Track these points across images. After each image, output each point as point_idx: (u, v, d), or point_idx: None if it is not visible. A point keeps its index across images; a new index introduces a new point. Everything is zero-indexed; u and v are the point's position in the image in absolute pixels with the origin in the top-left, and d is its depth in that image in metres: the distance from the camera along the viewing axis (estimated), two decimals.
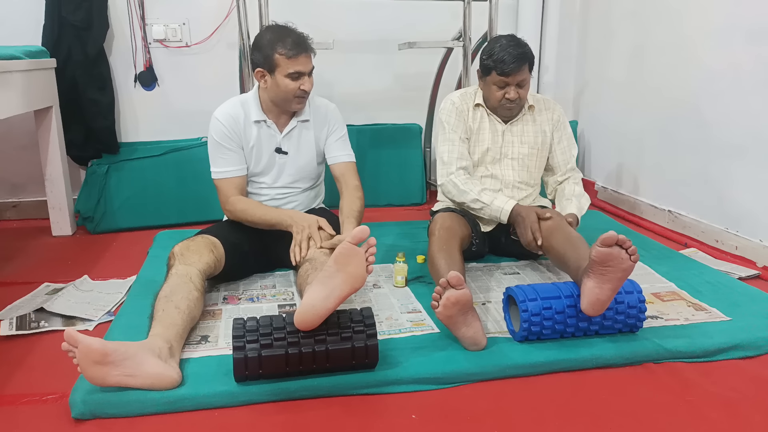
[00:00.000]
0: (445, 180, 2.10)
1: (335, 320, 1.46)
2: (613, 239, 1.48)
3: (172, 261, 1.78)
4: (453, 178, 2.07)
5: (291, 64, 1.91)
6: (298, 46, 1.91)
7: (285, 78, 1.92)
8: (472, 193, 2.04)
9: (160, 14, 3.01)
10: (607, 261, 1.49)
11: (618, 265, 1.49)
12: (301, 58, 1.92)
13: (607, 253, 1.48)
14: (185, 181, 2.92)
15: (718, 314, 1.81)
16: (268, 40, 1.92)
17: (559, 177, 2.22)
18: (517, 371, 1.53)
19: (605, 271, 1.51)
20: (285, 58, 1.90)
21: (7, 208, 3.06)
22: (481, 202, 2.03)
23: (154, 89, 3.11)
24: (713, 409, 1.39)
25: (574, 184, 2.18)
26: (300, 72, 1.92)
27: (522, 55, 1.98)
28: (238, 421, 1.35)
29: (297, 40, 1.92)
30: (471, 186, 2.06)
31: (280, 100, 1.98)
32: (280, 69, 1.92)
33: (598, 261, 1.50)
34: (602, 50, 3.25)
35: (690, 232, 2.65)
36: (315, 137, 2.12)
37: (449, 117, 2.12)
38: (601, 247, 1.48)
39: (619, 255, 1.49)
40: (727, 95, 2.43)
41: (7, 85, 2.28)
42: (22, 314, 1.86)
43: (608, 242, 1.48)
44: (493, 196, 2.04)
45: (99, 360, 1.33)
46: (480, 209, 2.05)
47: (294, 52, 1.90)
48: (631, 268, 1.51)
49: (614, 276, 1.51)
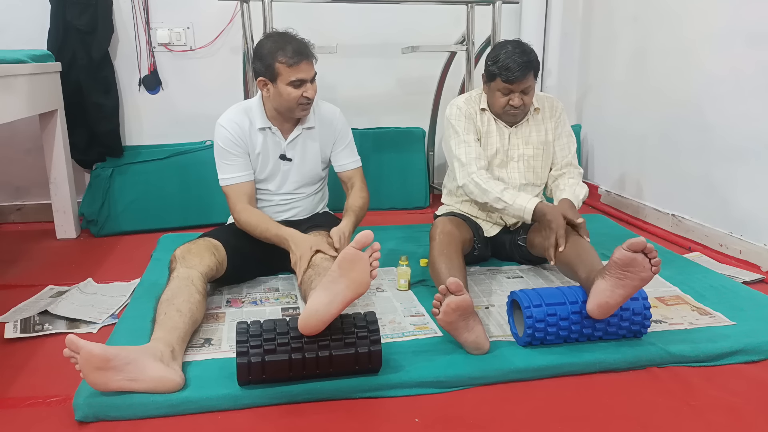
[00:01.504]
0: (467, 180, 2.05)
1: (339, 325, 1.46)
2: (641, 245, 1.46)
3: (173, 264, 1.78)
4: (474, 178, 2.03)
5: (292, 73, 1.89)
6: (299, 54, 1.89)
7: (287, 86, 1.90)
8: (494, 192, 2.00)
9: (165, 18, 3.03)
10: (628, 265, 1.48)
11: (638, 272, 1.48)
12: (303, 66, 1.90)
13: (631, 258, 1.47)
14: (189, 185, 2.92)
15: (723, 318, 1.80)
16: (269, 49, 1.90)
17: (555, 172, 2.18)
18: (520, 375, 1.53)
19: (623, 275, 1.49)
20: (286, 66, 1.88)
21: (11, 211, 3.07)
22: (503, 202, 1.99)
23: (158, 93, 3.12)
24: (717, 413, 1.39)
25: (569, 177, 2.13)
26: (302, 80, 1.91)
27: (527, 63, 1.95)
28: (240, 424, 1.35)
29: (297, 47, 1.90)
30: (493, 185, 2.01)
31: (283, 108, 1.97)
32: (282, 77, 1.90)
33: (619, 263, 1.49)
34: (605, 54, 3.25)
35: (694, 236, 2.64)
36: (320, 144, 2.11)
37: (459, 121, 2.11)
38: (627, 251, 1.47)
39: (642, 263, 1.47)
40: (729, 99, 2.43)
41: (13, 89, 2.29)
42: (26, 317, 1.87)
43: (635, 247, 1.46)
44: (515, 195, 1.98)
45: (101, 365, 1.33)
46: (503, 209, 2.01)
47: (295, 60, 1.88)
48: (649, 278, 1.49)
49: (630, 283, 1.50)
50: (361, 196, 2.11)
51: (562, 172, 2.17)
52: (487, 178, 2.04)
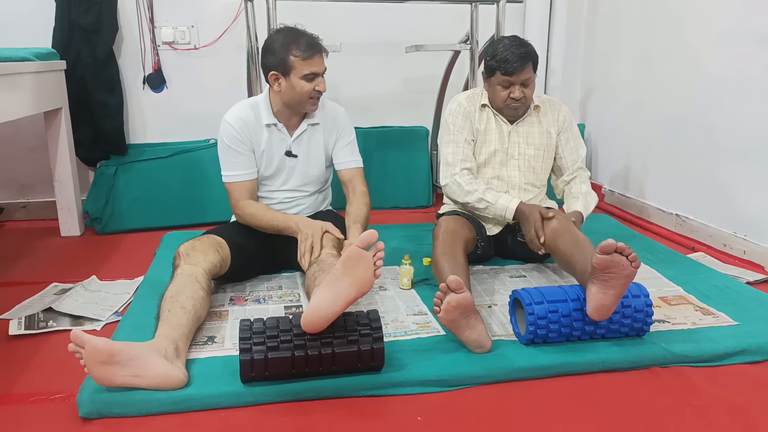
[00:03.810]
0: (449, 180, 2.09)
1: (342, 323, 1.46)
2: (612, 247, 1.47)
3: (177, 261, 1.78)
4: (457, 179, 2.07)
5: (306, 66, 1.91)
6: (313, 48, 1.91)
7: (300, 80, 1.92)
8: (477, 193, 2.03)
9: (169, 17, 3.03)
10: (608, 268, 1.49)
11: (620, 271, 1.49)
12: (316, 59, 1.92)
13: (608, 260, 1.48)
14: (193, 183, 2.93)
15: (726, 319, 1.80)
16: (282, 43, 1.92)
17: (567, 177, 2.21)
18: (522, 374, 1.53)
19: (607, 277, 1.50)
20: (300, 59, 1.90)
21: (16, 209, 3.09)
22: (485, 201, 2.03)
23: (162, 91, 3.13)
24: (720, 414, 1.39)
25: (581, 182, 2.17)
26: (315, 73, 1.93)
27: (525, 54, 1.98)
28: (243, 421, 1.36)
29: (310, 41, 1.92)
30: (476, 185, 2.05)
31: (294, 102, 1.98)
32: (296, 71, 1.91)
33: (599, 268, 1.50)
34: (609, 54, 3.25)
35: (697, 236, 2.64)
36: (324, 141, 2.12)
37: (455, 118, 2.12)
38: (601, 255, 1.48)
39: (620, 262, 1.48)
40: (734, 99, 2.43)
41: (18, 87, 2.30)
42: (31, 314, 1.88)
43: (607, 250, 1.48)
44: (498, 195, 2.03)
45: (105, 360, 1.34)
46: (485, 209, 2.04)
47: (309, 53, 1.90)
48: (633, 273, 1.51)
49: (617, 282, 1.50)
50: (364, 203, 2.08)
51: (574, 176, 2.19)
52: (470, 179, 2.06)
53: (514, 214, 2.01)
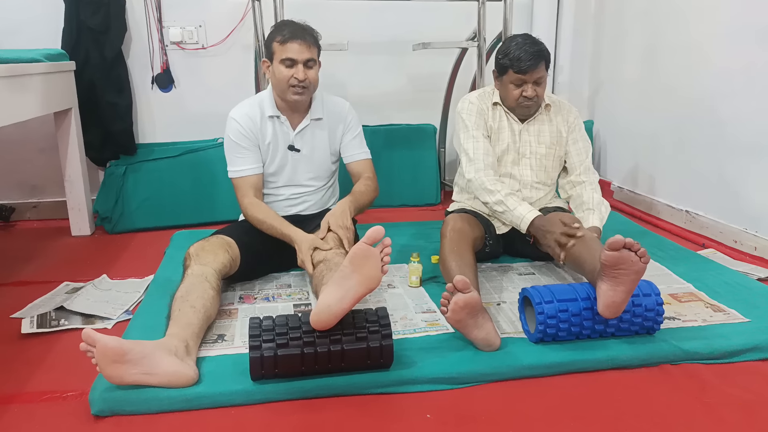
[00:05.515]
0: (474, 176, 2.05)
1: (350, 320, 1.46)
2: (620, 243, 1.47)
3: (187, 261, 1.80)
4: (482, 176, 2.03)
5: (284, 51, 1.93)
6: (293, 34, 1.93)
7: (279, 65, 1.95)
8: (498, 194, 1.99)
9: (177, 17, 3.05)
10: (617, 264, 1.48)
11: (629, 267, 1.48)
12: (293, 45, 1.92)
13: (617, 257, 1.47)
14: (201, 182, 2.94)
15: (737, 315, 1.79)
16: (271, 32, 2.00)
17: (574, 177, 2.18)
18: (531, 372, 1.53)
19: (617, 274, 1.50)
20: (279, 44, 1.95)
21: (27, 209, 3.11)
22: (504, 206, 1.98)
23: (170, 91, 3.14)
24: (731, 411, 1.38)
25: (592, 190, 2.10)
26: (292, 59, 1.93)
27: (538, 53, 1.97)
28: (253, 419, 1.37)
29: (294, 29, 1.95)
30: (499, 186, 2.02)
31: (279, 90, 2.01)
32: (276, 55, 1.96)
33: (608, 265, 1.49)
34: (617, 50, 3.23)
35: (708, 232, 2.62)
36: (329, 135, 2.12)
37: (470, 116, 2.11)
38: (609, 251, 1.48)
39: (629, 258, 1.47)
40: (741, 95, 2.41)
41: (28, 88, 2.32)
42: (43, 312, 1.90)
43: (615, 246, 1.47)
44: (518, 203, 1.97)
45: (117, 359, 1.35)
46: (502, 213, 2.01)
47: (287, 38, 1.93)
48: (642, 269, 1.50)
49: (627, 278, 1.50)
50: (366, 184, 2.10)
51: (582, 179, 2.15)
52: (494, 180, 2.04)
53: (529, 226, 1.93)
